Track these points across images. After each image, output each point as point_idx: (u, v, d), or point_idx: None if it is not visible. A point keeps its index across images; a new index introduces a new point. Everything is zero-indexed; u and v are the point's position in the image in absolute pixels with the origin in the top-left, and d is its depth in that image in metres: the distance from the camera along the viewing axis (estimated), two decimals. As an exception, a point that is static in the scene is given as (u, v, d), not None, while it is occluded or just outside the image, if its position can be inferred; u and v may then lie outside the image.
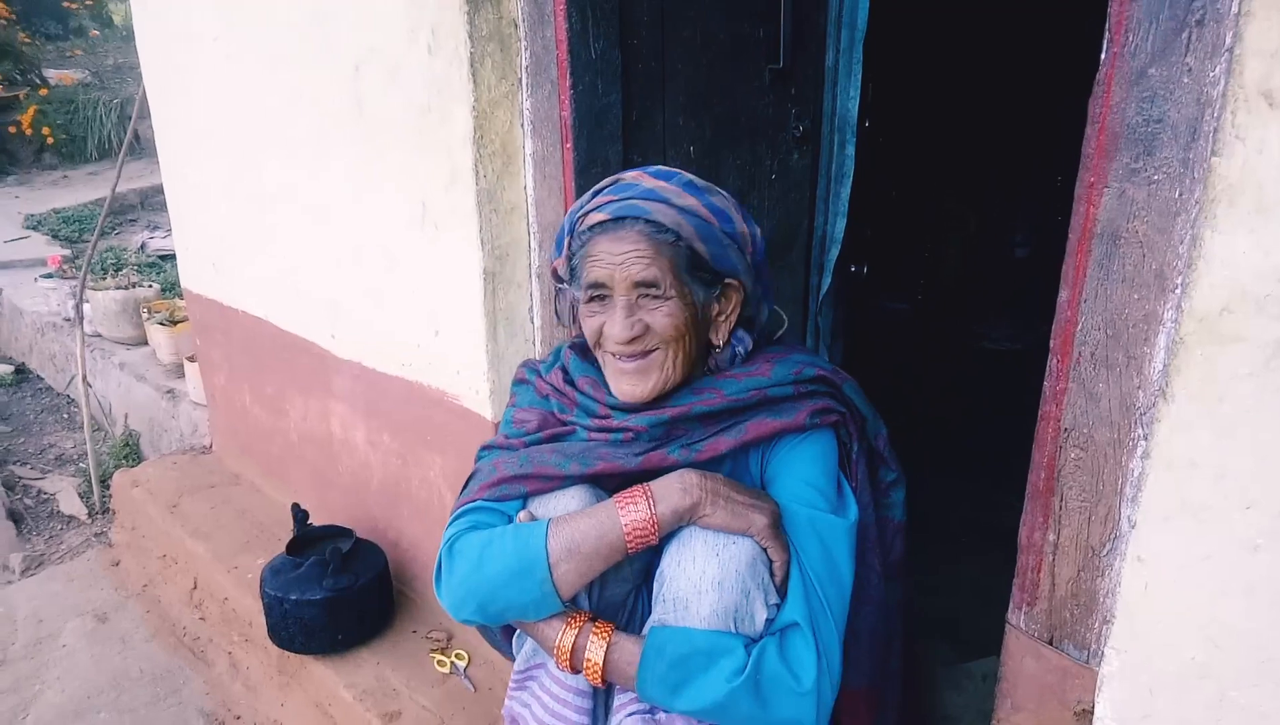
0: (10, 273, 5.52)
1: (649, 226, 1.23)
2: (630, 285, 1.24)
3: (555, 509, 1.26)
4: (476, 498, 1.32)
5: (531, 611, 1.22)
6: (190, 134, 2.83)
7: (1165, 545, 1.05)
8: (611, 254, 1.24)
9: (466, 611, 1.25)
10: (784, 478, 1.28)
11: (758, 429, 1.27)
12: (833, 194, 2.30)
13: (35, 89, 8.54)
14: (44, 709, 2.37)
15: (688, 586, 1.16)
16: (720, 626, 1.15)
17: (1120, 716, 1.14)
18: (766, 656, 1.14)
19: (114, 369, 4.08)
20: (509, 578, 1.20)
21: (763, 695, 1.13)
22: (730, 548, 1.17)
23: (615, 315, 1.25)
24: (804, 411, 1.27)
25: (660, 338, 1.26)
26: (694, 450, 1.26)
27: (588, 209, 1.29)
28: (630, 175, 1.31)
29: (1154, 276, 1.05)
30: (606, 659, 1.19)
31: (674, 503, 1.18)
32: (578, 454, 1.28)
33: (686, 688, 1.14)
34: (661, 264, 1.23)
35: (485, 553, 1.23)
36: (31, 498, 3.68)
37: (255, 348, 2.81)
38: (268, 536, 2.73)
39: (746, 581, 1.15)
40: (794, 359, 1.33)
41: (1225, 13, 0.93)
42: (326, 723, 2.15)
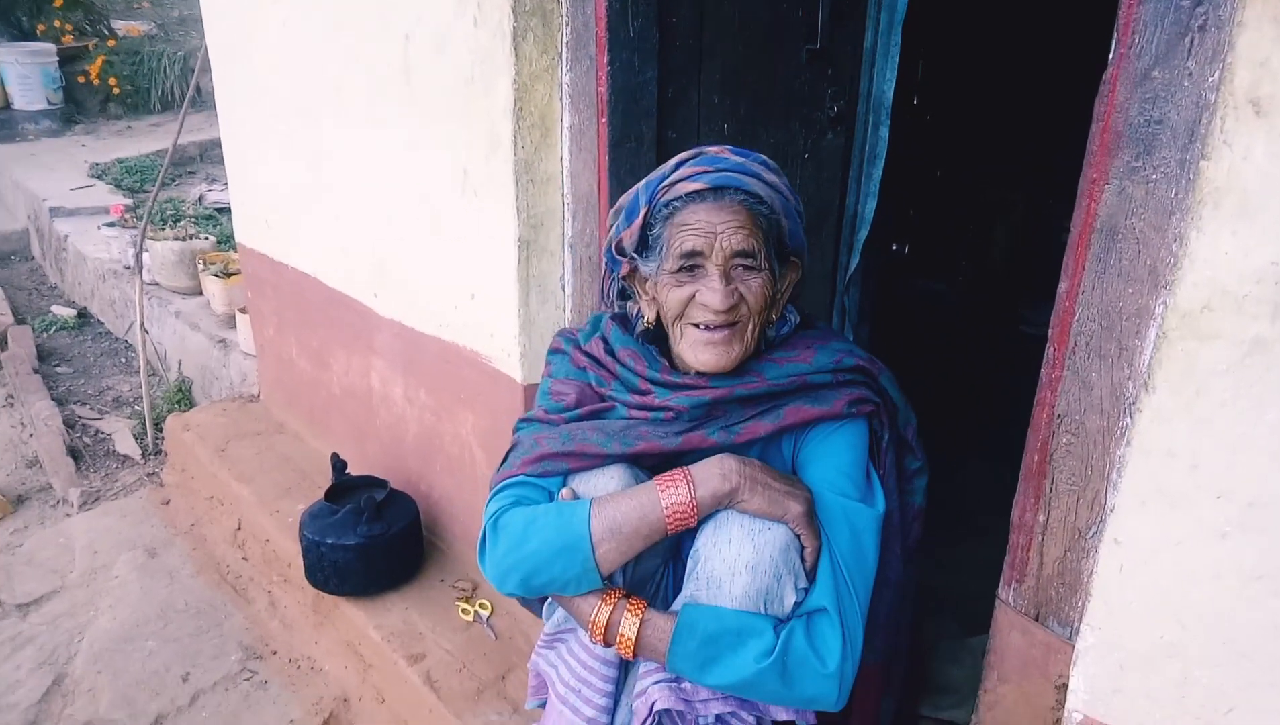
0: (76, 220, 5.71)
1: (748, 197, 1.26)
2: (729, 254, 1.25)
3: (596, 487, 1.30)
4: (518, 473, 1.36)
5: (573, 587, 1.27)
6: (248, 93, 2.93)
7: (1141, 529, 1.10)
8: (711, 222, 1.25)
9: (510, 585, 1.30)
10: (818, 464, 1.32)
11: (796, 415, 1.30)
12: (865, 175, 2.33)
13: (103, 39, 8.73)
14: (98, 634, 2.53)
15: (722, 567, 1.21)
16: (751, 607, 1.20)
17: (1092, 689, 1.19)
18: (794, 639, 1.19)
19: (170, 317, 4.25)
20: (552, 555, 1.24)
21: (789, 675, 1.18)
22: (766, 533, 1.21)
23: (712, 283, 1.25)
24: (842, 400, 1.31)
25: (751, 308, 1.28)
26: (732, 433, 1.30)
27: (675, 178, 1.29)
28: (713, 150, 1.32)
29: (1148, 272, 1.09)
30: (639, 634, 1.24)
31: (714, 487, 1.22)
32: (618, 433, 1.32)
33: (715, 665, 1.20)
34: (758, 236, 1.26)
35: (529, 529, 1.27)
36: (90, 437, 3.86)
37: (302, 303, 2.93)
38: (308, 483, 2.86)
39: (779, 566, 1.20)
40: (834, 347, 1.36)
41: (1225, 20, 0.96)
42: (356, 660, 2.27)
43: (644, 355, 1.38)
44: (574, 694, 1.36)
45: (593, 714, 1.35)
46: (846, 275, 2.43)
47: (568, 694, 1.37)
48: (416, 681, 2.04)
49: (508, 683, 2.02)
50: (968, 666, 1.84)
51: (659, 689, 1.27)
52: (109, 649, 2.47)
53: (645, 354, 1.38)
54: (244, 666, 2.41)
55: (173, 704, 2.28)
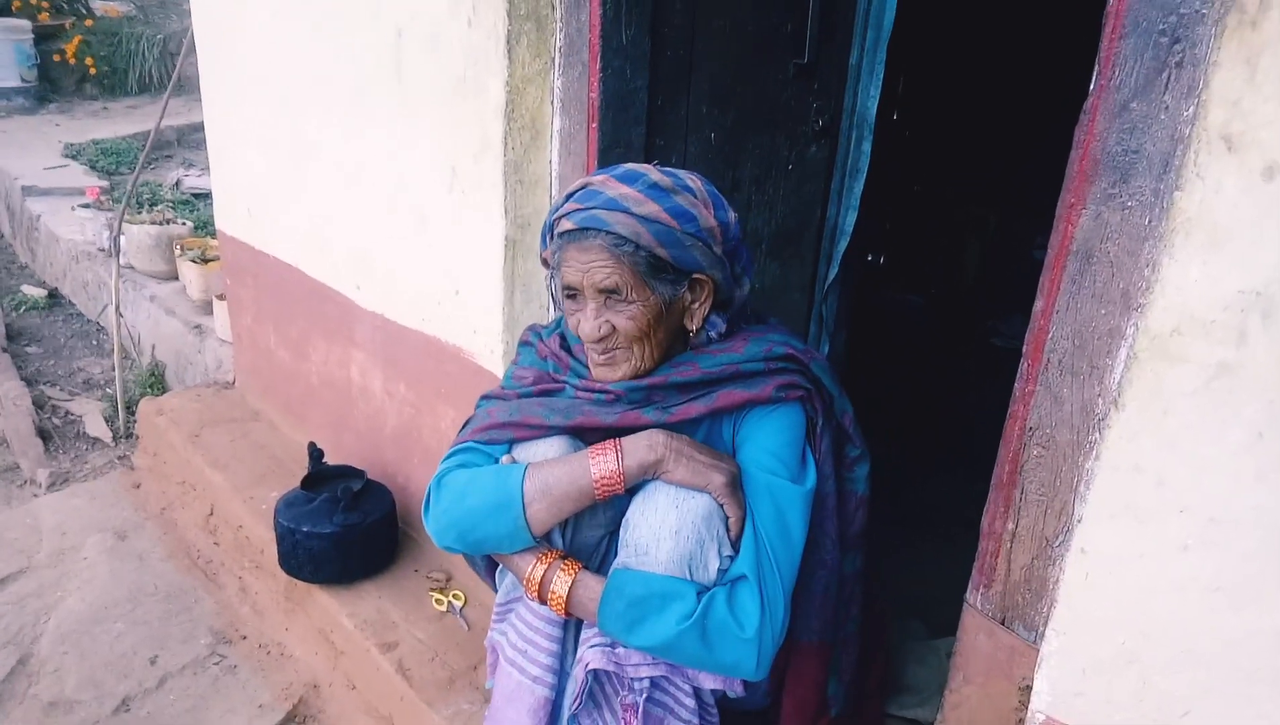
0: (48, 200, 5.64)
1: (609, 238, 1.32)
2: (595, 290, 1.35)
3: (536, 455, 1.39)
4: (468, 439, 1.47)
5: (506, 544, 1.37)
6: (235, 80, 2.93)
7: (1107, 540, 1.15)
8: (579, 261, 1.35)
9: (448, 539, 1.40)
10: (749, 445, 1.40)
11: (727, 398, 1.39)
12: (846, 188, 2.38)
13: (81, 19, 8.61)
14: (65, 615, 2.51)
15: (648, 534, 1.29)
16: (676, 573, 1.27)
17: (1055, 692, 1.24)
18: (715, 604, 1.26)
19: (145, 301, 4.22)
20: (487, 511, 1.35)
21: (709, 639, 1.25)
22: (689, 501, 1.29)
23: (586, 315, 1.38)
24: (771, 385, 1.39)
25: (626, 335, 1.37)
26: (667, 412, 1.38)
27: (560, 214, 1.39)
28: (598, 179, 1.38)
29: (1120, 295, 1.14)
30: (571, 593, 1.33)
31: (640, 457, 1.31)
32: (563, 408, 1.42)
33: (640, 626, 1.27)
34: (623, 272, 1.33)
35: (468, 487, 1.38)
36: (59, 418, 3.82)
37: (283, 292, 2.92)
38: (283, 471, 2.86)
39: (702, 532, 1.28)
40: (768, 338, 1.44)
41: (1201, 59, 1.02)
42: (327, 648, 2.28)
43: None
44: (521, 655, 1.44)
45: (538, 673, 1.42)
46: (825, 285, 2.48)
47: (515, 655, 1.45)
48: (388, 669, 2.06)
49: (480, 672, 2.04)
50: (933, 667, 1.89)
51: (593, 652, 1.35)
52: (76, 630, 2.45)
53: None
54: (213, 651, 2.40)
55: (140, 686, 2.27)
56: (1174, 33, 1.04)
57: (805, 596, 1.42)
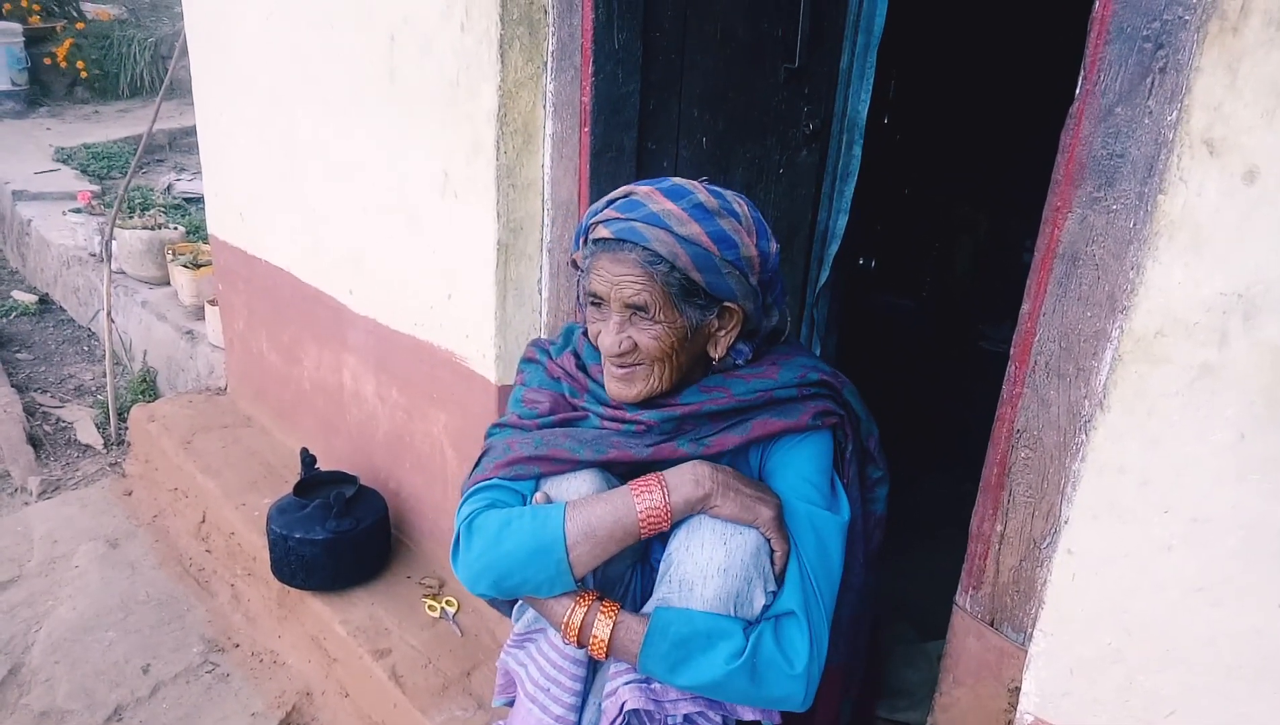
0: (39, 204, 5.63)
1: (645, 254, 1.27)
2: (622, 305, 1.30)
3: (568, 491, 1.33)
4: (491, 476, 1.38)
5: (545, 588, 1.29)
6: (227, 84, 2.93)
7: (1092, 541, 1.16)
8: (610, 272, 1.29)
9: (482, 586, 1.32)
10: (784, 474, 1.36)
11: (763, 428, 1.35)
12: (837, 192, 2.39)
13: (72, 22, 8.60)
14: (56, 624, 2.51)
15: (694, 571, 1.25)
16: (721, 610, 1.24)
17: (1043, 692, 1.25)
18: (763, 641, 1.23)
19: (136, 307, 4.21)
20: (526, 557, 1.27)
21: (758, 676, 1.22)
22: (737, 537, 1.25)
23: (609, 327, 1.32)
24: (807, 413, 1.36)
25: (647, 355, 1.32)
26: (702, 444, 1.34)
27: (597, 220, 1.33)
28: (643, 190, 1.32)
29: (1106, 298, 1.15)
30: (612, 636, 1.27)
31: (687, 493, 1.26)
32: (591, 441, 1.36)
33: (686, 666, 1.23)
34: (654, 291, 1.28)
35: (504, 531, 1.29)
36: (50, 425, 3.81)
37: (275, 297, 2.93)
38: (275, 478, 2.86)
39: (750, 570, 1.25)
40: (798, 362, 1.41)
41: (1184, 64, 1.03)
42: (320, 655, 2.28)
43: None
44: (543, 693, 1.39)
45: (561, 712, 1.38)
46: (816, 288, 2.49)
47: (536, 693, 1.40)
48: (381, 676, 2.06)
49: (473, 679, 2.05)
50: (923, 670, 1.90)
51: (629, 689, 1.30)
52: (67, 639, 2.45)
53: None
54: (206, 659, 2.40)
55: (132, 695, 2.27)
56: (1158, 39, 1.05)
57: (835, 623, 1.37)
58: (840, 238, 2.41)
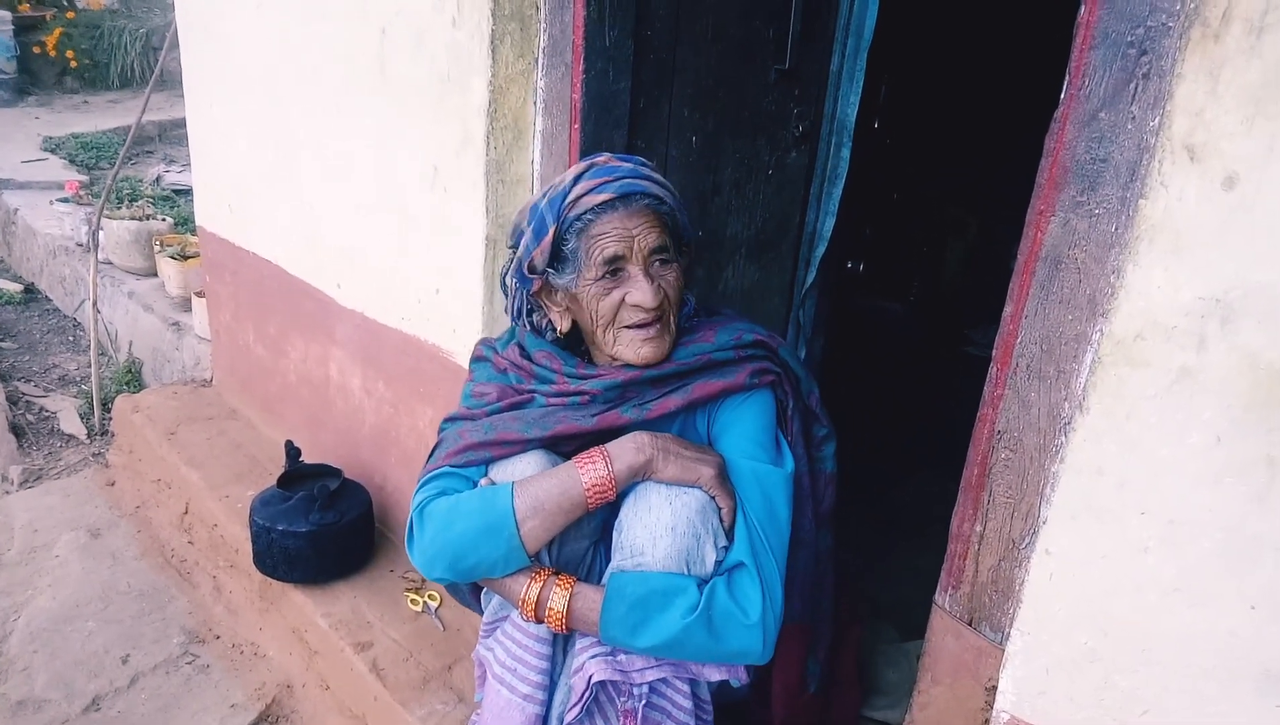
0: (26, 193, 5.60)
1: (651, 200, 1.36)
2: (646, 253, 1.35)
3: (514, 473, 1.37)
4: (442, 464, 1.43)
5: (499, 567, 1.33)
6: (217, 76, 2.92)
7: (1070, 542, 1.17)
8: (624, 227, 1.34)
9: (438, 569, 1.35)
10: (728, 434, 1.41)
11: (703, 389, 1.40)
12: (825, 194, 2.40)
13: (62, 11, 8.56)
14: (35, 613, 2.49)
15: (644, 534, 1.29)
16: (675, 569, 1.27)
17: (1019, 691, 1.26)
18: (717, 594, 1.26)
19: (123, 297, 4.19)
20: (478, 536, 1.31)
21: (715, 629, 1.25)
22: (682, 497, 1.29)
23: (640, 283, 1.35)
24: (744, 372, 1.41)
25: (671, 301, 1.38)
26: (645, 409, 1.38)
27: (578, 193, 1.36)
28: (600, 160, 1.41)
29: (1087, 301, 1.16)
30: (569, 607, 1.30)
31: (629, 460, 1.30)
32: (537, 419, 1.39)
33: (646, 627, 1.26)
34: (664, 233, 1.37)
35: (453, 514, 1.33)
36: (34, 414, 3.79)
37: (262, 289, 2.92)
38: (259, 470, 2.85)
39: (697, 526, 1.28)
40: (734, 326, 1.46)
41: (1167, 71, 1.04)
42: (301, 647, 2.28)
43: (559, 355, 1.47)
44: (510, 673, 1.42)
45: (528, 690, 1.41)
46: (803, 290, 2.50)
47: (503, 673, 1.43)
48: (362, 669, 2.05)
49: (454, 673, 2.05)
50: (904, 670, 1.91)
51: (595, 662, 1.33)
52: (46, 629, 2.43)
53: (559, 353, 1.47)
54: (186, 650, 2.39)
55: (111, 685, 2.26)
56: (1141, 45, 1.06)
57: (789, 578, 1.41)
58: (827, 240, 2.42)
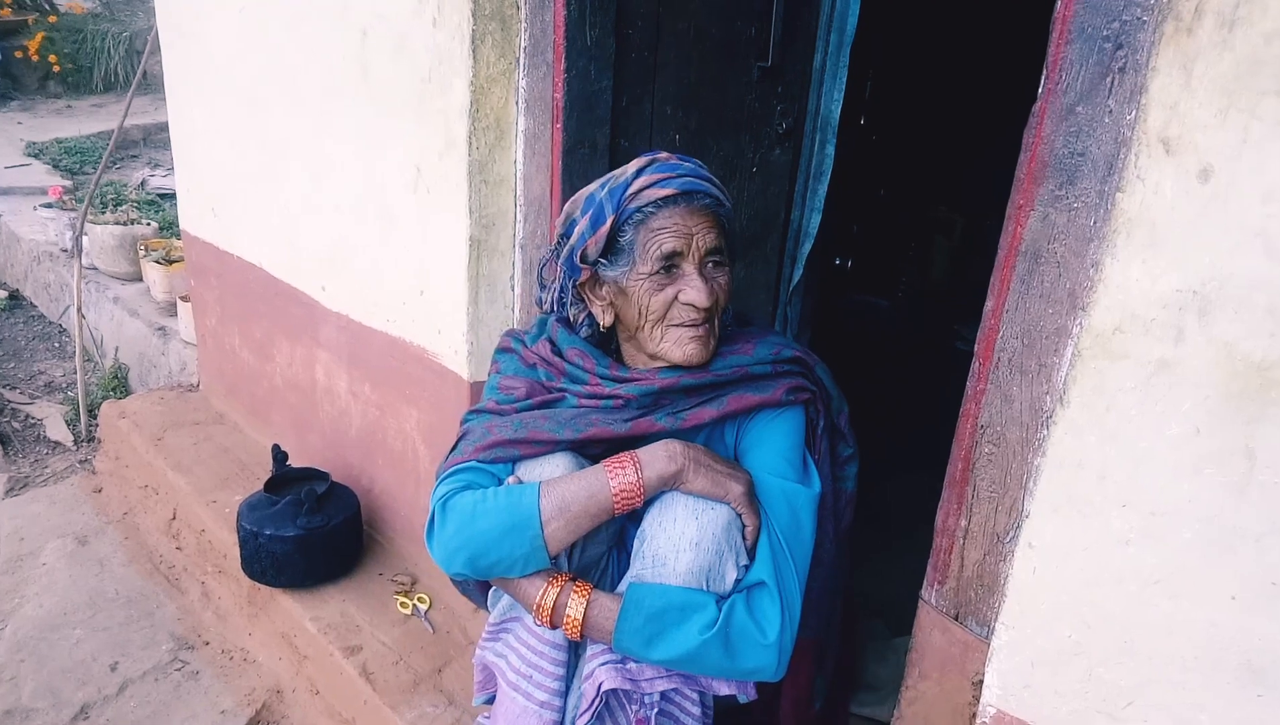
0: (9, 199, 5.56)
1: (711, 200, 1.35)
2: (703, 253, 1.34)
3: (541, 473, 1.34)
4: (469, 458, 1.39)
5: (520, 566, 1.30)
6: (200, 79, 2.90)
7: (1053, 535, 1.18)
8: (685, 224, 1.32)
9: (457, 564, 1.32)
10: (758, 449, 1.39)
11: (738, 402, 1.38)
12: (810, 190, 2.40)
13: (44, 15, 8.49)
14: (22, 622, 2.48)
15: (667, 545, 1.27)
16: (694, 584, 1.25)
17: (1005, 685, 1.26)
18: (736, 612, 1.25)
19: (108, 303, 4.17)
20: (501, 533, 1.28)
21: (731, 647, 1.24)
22: (709, 512, 1.27)
23: (694, 282, 1.33)
24: (780, 388, 1.39)
25: (721, 303, 1.38)
26: (679, 418, 1.36)
27: (640, 185, 1.33)
28: (664, 156, 1.38)
29: (1067, 294, 1.16)
30: (586, 615, 1.28)
31: (660, 468, 1.28)
32: (569, 420, 1.37)
33: (661, 640, 1.24)
34: (720, 235, 1.36)
35: (478, 509, 1.30)
36: (19, 422, 3.77)
37: (247, 293, 2.91)
38: (247, 474, 2.84)
39: (721, 543, 1.26)
40: (771, 340, 1.44)
41: (1142, 64, 1.04)
42: (290, 652, 2.27)
43: (591, 354, 1.44)
44: (525, 680, 1.39)
45: (545, 698, 1.38)
46: (790, 286, 2.50)
47: (519, 680, 1.39)
48: (352, 673, 2.05)
49: (444, 675, 2.04)
50: (892, 665, 1.91)
51: (605, 670, 1.31)
52: (33, 637, 2.42)
53: (593, 353, 1.44)
54: (175, 657, 2.38)
55: (100, 693, 2.25)
56: (1117, 38, 1.07)
57: (805, 597, 1.38)
58: (813, 236, 2.43)
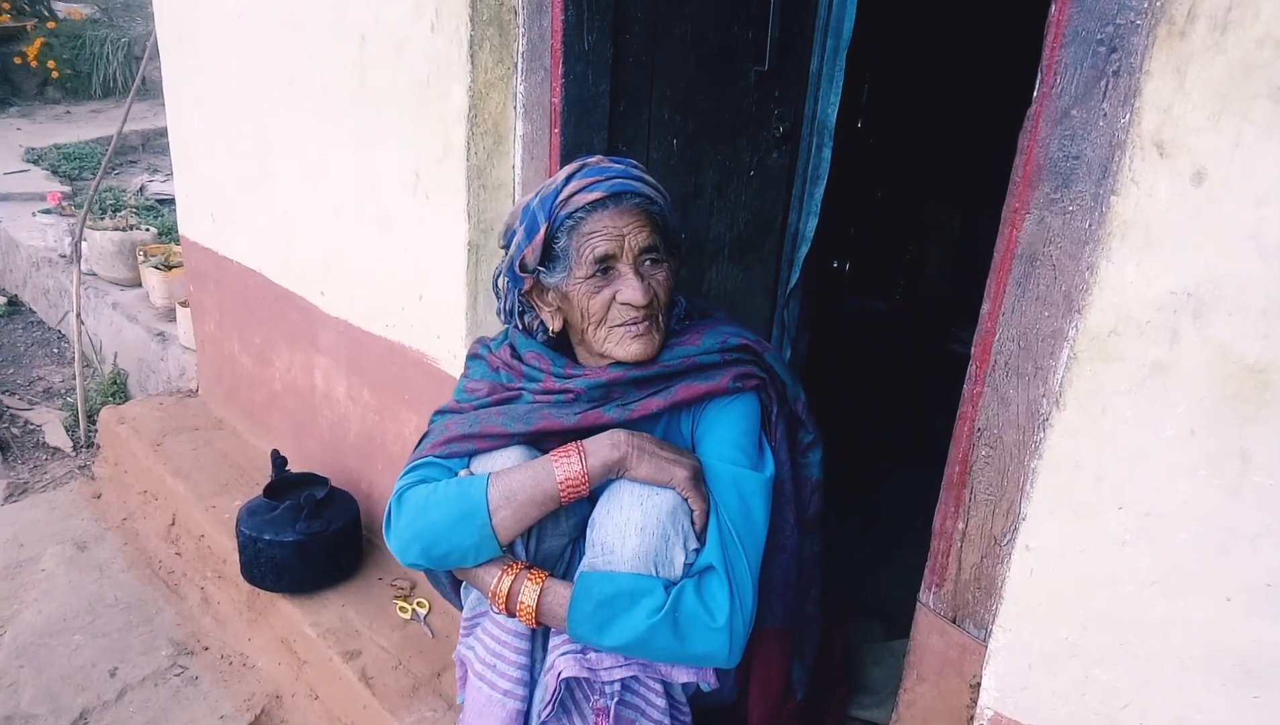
0: (8, 205, 5.56)
1: (641, 200, 1.38)
2: (637, 252, 1.37)
3: (494, 465, 1.38)
4: (427, 454, 1.45)
5: (471, 556, 1.35)
6: (198, 84, 2.91)
7: (1049, 537, 1.18)
8: (615, 226, 1.37)
9: (412, 554, 1.37)
10: (709, 437, 1.42)
11: (686, 392, 1.41)
12: (807, 194, 2.41)
13: (43, 21, 8.50)
14: (21, 628, 2.48)
15: (614, 532, 1.30)
16: (642, 569, 1.28)
17: (1002, 687, 1.27)
18: (684, 596, 1.27)
19: (107, 308, 4.17)
20: (452, 523, 1.33)
21: (680, 631, 1.26)
22: (654, 498, 1.30)
23: (629, 281, 1.37)
24: (728, 376, 1.41)
25: (660, 300, 1.40)
26: (627, 409, 1.39)
27: (570, 191, 1.38)
28: (591, 161, 1.43)
29: (1063, 297, 1.17)
30: (539, 602, 1.32)
31: (603, 457, 1.31)
32: (522, 415, 1.41)
33: (611, 626, 1.27)
34: (654, 233, 1.39)
35: (430, 501, 1.36)
36: (18, 427, 3.77)
37: (246, 299, 2.91)
38: (246, 480, 2.84)
39: (667, 528, 1.29)
40: (720, 330, 1.47)
41: (1136, 67, 1.05)
42: (290, 657, 2.27)
43: (548, 356, 1.49)
44: (489, 669, 1.43)
45: (508, 686, 1.41)
46: (787, 290, 2.50)
47: (484, 669, 1.44)
48: (351, 678, 2.05)
49: (443, 680, 2.04)
50: (889, 668, 1.91)
51: (564, 659, 1.34)
52: (33, 643, 2.42)
53: (549, 354, 1.49)
54: (174, 662, 2.38)
55: (99, 699, 2.25)
56: (1111, 42, 1.07)
57: (767, 582, 1.43)
58: (810, 240, 2.43)
